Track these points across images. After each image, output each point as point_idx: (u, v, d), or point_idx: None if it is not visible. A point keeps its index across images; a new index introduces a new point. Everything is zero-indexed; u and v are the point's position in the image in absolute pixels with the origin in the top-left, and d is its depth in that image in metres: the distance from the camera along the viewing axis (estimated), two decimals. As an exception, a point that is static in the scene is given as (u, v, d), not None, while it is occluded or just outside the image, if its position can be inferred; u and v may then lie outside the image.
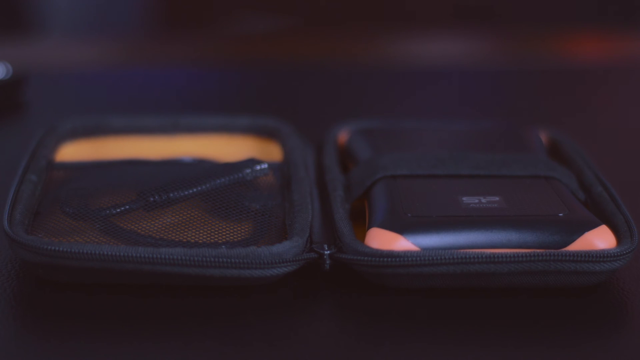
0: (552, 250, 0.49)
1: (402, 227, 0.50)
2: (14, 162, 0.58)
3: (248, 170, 0.55)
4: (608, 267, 0.49)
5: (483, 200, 0.52)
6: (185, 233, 0.51)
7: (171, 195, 0.53)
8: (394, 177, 0.55)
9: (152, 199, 0.53)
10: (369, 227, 0.51)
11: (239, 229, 0.52)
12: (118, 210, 0.52)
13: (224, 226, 0.52)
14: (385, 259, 0.49)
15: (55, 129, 0.63)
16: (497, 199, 0.52)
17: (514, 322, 0.48)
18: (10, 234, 0.50)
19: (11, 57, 0.83)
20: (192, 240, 0.51)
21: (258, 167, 0.56)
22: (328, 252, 0.50)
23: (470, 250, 0.49)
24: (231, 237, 0.51)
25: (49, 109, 0.80)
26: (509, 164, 0.56)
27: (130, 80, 0.88)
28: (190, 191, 0.53)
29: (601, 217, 0.53)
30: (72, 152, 0.63)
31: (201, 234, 0.51)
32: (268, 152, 0.63)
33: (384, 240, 0.49)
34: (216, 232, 0.52)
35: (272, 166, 0.57)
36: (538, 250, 0.49)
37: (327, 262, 0.50)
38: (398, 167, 0.56)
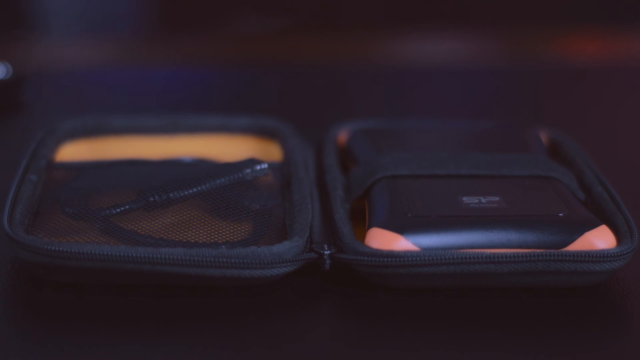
0: (552, 250, 0.49)
1: (402, 227, 0.50)
2: (14, 162, 0.58)
3: (248, 170, 0.55)
4: (608, 267, 0.49)
5: (483, 200, 0.52)
6: (185, 233, 0.51)
7: (171, 195, 0.53)
8: (394, 177, 0.55)
9: (152, 199, 0.53)
10: (369, 227, 0.51)
11: (239, 229, 0.52)
12: (118, 210, 0.52)
13: (224, 226, 0.52)
14: (385, 259, 0.49)
15: (55, 129, 0.63)
16: (497, 199, 0.52)
17: (514, 322, 0.48)
18: (10, 234, 0.50)
19: (11, 57, 0.83)
20: (192, 240, 0.51)
21: (258, 167, 0.56)
22: (328, 252, 0.50)
23: (470, 250, 0.49)
24: (231, 237, 0.51)
25: (49, 109, 0.80)
26: (509, 164, 0.56)
27: (130, 80, 0.88)
28: (190, 191, 0.53)
29: (601, 217, 0.53)
30: (72, 152, 0.63)
31: (201, 234, 0.51)
32: (268, 152, 0.63)
33: (384, 240, 0.49)
34: (216, 232, 0.52)
35: (272, 166, 0.57)
36: (538, 250, 0.49)
37: (327, 262, 0.50)
38: (398, 167, 0.56)
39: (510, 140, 0.62)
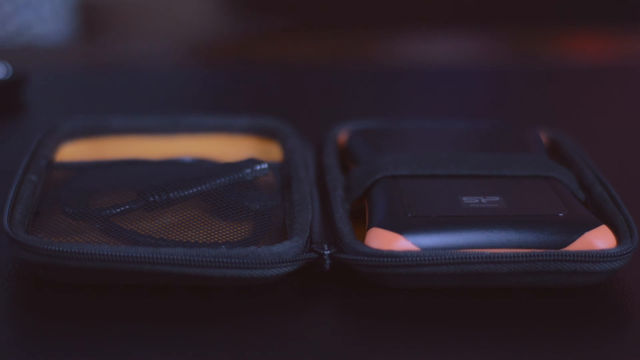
0: (552, 250, 0.49)
1: (402, 227, 0.50)
2: (14, 162, 0.58)
3: (248, 170, 0.55)
4: (608, 267, 0.49)
5: (483, 200, 0.52)
6: (185, 233, 0.51)
7: (171, 195, 0.53)
8: (394, 177, 0.55)
9: (152, 199, 0.53)
10: (369, 227, 0.51)
11: (239, 229, 0.52)
12: (118, 210, 0.52)
13: (224, 226, 0.52)
14: (385, 259, 0.49)
15: (55, 129, 0.63)
16: (497, 199, 0.52)
17: (514, 322, 0.48)
18: (10, 234, 0.50)
19: (11, 57, 0.83)
20: (192, 240, 0.51)
21: (258, 167, 0.56)
22: (328, 252, 0.50)
23: (470, 250, 0.49)
24: (231, 237, 0.51)
25: (49, 109, 0.79)
26: (509, 164, 0.56)
27: (130, 80, 0.88)
28: (190, 191, 0.53)
29: (601, 217, 0.53)
30: (72, 152, 0.63)
31: (201, 234, 0.51)
32: (268, 152, 0.63)
33: (384, 240, 0.49)
34: (216, 232, 0.51)
35: (272, 166, 0.57)
36: (538, 250, 0.49)
37: (327, 262, 0.50)
38: (398, 167, 0.56)
39: (510, 140, 0.62)
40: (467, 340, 0.46)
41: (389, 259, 0.49)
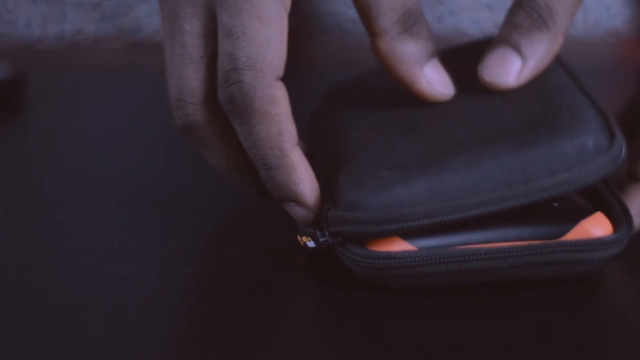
0: (550, 241, 0.48)
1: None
2: (14, 162, 0.58)
3: None
4: (606, 254, 0.49)
5: None
6: None
7: None
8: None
9: None
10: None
11: None
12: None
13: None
14: (383, 261, 0.48)
15: None
16: None
17: (513, 322, 0.48)
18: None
19: (11, 57, 0.83)
20: None
21: None
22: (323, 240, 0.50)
23: (468, 247, 0.49)
24: None
25: (49, 109, 0.80)
26: None
27: (132, 81, 0.88)
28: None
29: (595, 204, 0.52)
30: None
31: None
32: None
33: (381, 241, 0.49)
34: None
35: None
36: (535, 242, 0.48)
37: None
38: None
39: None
40: (467, 339, 0.46)
41: (387, 261, 0.48)
